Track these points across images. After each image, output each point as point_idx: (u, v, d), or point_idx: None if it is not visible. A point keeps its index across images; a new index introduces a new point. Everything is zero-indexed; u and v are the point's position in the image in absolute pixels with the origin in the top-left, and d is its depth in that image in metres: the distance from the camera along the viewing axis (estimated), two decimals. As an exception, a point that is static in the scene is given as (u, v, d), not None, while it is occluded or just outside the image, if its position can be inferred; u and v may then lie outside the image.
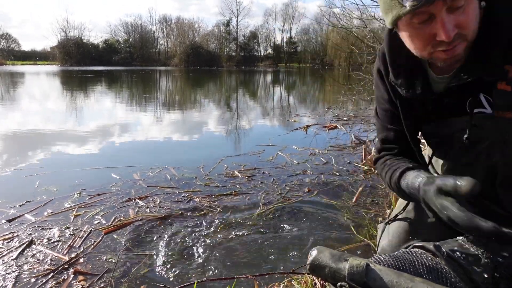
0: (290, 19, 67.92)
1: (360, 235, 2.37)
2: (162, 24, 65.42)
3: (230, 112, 9.09)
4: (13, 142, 5.23)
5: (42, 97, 11.96)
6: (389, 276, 0.65)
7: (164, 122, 7.29)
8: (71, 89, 15.67)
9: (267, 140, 5.24)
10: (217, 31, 65.13)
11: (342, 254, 0.72)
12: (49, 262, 2.08)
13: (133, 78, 24.46)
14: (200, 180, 3.47)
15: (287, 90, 17.38)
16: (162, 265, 2.06)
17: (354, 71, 9.80)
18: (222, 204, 2.92)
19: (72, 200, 2.96)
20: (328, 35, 45.82)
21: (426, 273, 0.71)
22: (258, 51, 69.80)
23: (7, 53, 60.12)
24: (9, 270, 1.99)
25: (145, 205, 2.87)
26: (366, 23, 6.98)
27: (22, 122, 7.01)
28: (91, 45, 59.47)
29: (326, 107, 9.57)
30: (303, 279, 1.78)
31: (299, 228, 2.51)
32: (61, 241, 2.32)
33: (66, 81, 21.64)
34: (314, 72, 37.91)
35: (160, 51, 64.99)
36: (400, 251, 0.83)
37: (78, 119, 7.51)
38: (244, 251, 2.23)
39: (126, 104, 10.49)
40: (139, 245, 2.29)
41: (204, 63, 53.03)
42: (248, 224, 2.57)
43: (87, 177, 3.56)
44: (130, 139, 5.53)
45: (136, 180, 3.46)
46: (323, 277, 0.72)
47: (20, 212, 2.72)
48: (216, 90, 16.87)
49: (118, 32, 63.22)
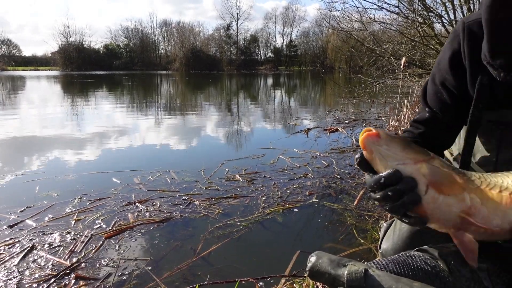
0: (290, 23, 68.14)
1: (362, 239, 2.36)
2: (163, 29, 65.75)
3: (231, 115, 9.10)
4: (14, 147, 5.24)
5: (43, 103, 11.99)
6: (387, 281, 0.65)
7: (165, 126, 7.30)
8: (72, 94, 15.72)
9: (268, 144, 5.24)
10: (217, 35, 65.37)
11: (341, 259, 0.72)
12: (50, 267, 2.07)
13: (134, 83, 24.53)
14: (200, 184, 3.47)
15: (287, 93, 17.39)
16: (162, 269, 2.05)
17: (354, 74, 9.81)
18: (223, 207, 2.92)
19: (72, 205, 2.96)
20: (328, 38, 45.91)
21: (425, 278, 0.71)
22: (258, 55, 69.96)
23: (8, 58, 60.36)
24: (10, 275, 1.99)
25: (145, 209, 2.87)
26: (366, 25, 7.00)
27: (22, 127, 7.03)
28: (92, 50, 59.64)
29: (327, 110, 9.57)
30: (305, 282, 1.77)
31: (300, 232, 2.51)
32: (62, 246, 2.32)
33: (67, 86, 21.71)
34: (314, 75, 37.95)
35: (161, 56, 65.14)
36: (400, 254, 0.83)
37: (78, 124, 7.52)
38: (245, 254, 2.22)
39: (127, 108, 10.51)
40: (140, 249, 2.29)
41: (204, 67, 53.16)
42: (249, 227, 2.57)
43: (88, 181, 3.56)
44: (131, 143, 5.54)
45: (137, 184, 3.46)
46: (322, 283, 0.72)
47: (21, 218, 2.72)
48: (217, 94, 16.90)
49: (118, 37, 63.49)
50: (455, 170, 0.68)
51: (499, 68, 0.89)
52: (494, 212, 0.63)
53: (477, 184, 0.65)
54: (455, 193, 0.64)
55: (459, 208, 0.64)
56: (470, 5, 5.40)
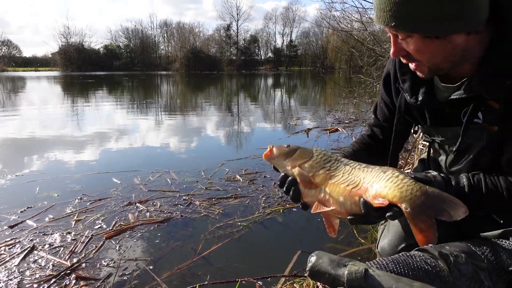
0: (290, 23, 68.10)
1: (362, 238, 2.36)
2: (163, 29, 65.72)
3: (231, 115, 9.10)
4: (14, 148, 5.25)
5: (43, 103, 11.99)
6: (388, 281, 0.65)
7: (165, 126, 7.30)
8: (72, 95, 15.72)
9: (268, 144, 5.23)
10: (218, 36, 65.34)
11: (341, 259, 0.72)
12: (51, 267, 2.08)
13: (134, 83, 24.54)
14: (201, 184, 3.47)
15: (288, 94, 17.39)
16: (163, 269, 2.06)
17: (354, 74, 9.80)
18: (223, 207, 2.92)
19: (73, 206, 2.97)
20: (328, 38, 45.86)
21: (425, 277, 0.71)
22: (258, 55, 69.91)
23: (8, 59, 60.32)
24: (11, 276, 1.99)
25: (146, 209, 2.87)
26: (366, 25, 6.99)
27: (23, 127, 7.03)
28: (92, 50, 59.58)
29: (327, 110, 9.57)
30: (305, 281, 1.77)
31: (301, 231, 2.51)
32: (62, 246, 2.32)
33: (67, 87, 21.72)
34: (315, 75, 37.94)
35: (161, 56, 65.06)
36: (400, 254, 0.82)
37: (79, 125, 7.53)
38: (245, 254, 2.22)
39: (127, 108, 10.52)
40: (140, 249, 2.29)
41: (204, 67, 53.11)
42: (249, 227, 2.57)
43: (88, 182, 3.56)
44: (131, 144, 5.54)
45: (137, 185, 3.46)
46: (323, 283, 0.72)
47: (21, 218, 2.72)
48: (217, 94, 16.91)
49: (118, 37, 63.43)
50: (325, 167, 0.91)
51: (406, 91, 1.10)
52: (336, 201, 0.87)
53: (334, 180, 0.88)
54: (314, 188, 0.90)
55: (318, 197, 0.90)
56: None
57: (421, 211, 0.75)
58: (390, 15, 0.86)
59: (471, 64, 0.96)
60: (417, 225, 0.75)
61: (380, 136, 1.31)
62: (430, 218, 0.74)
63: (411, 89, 1.08)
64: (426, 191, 0.77)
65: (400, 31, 0.89)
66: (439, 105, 1.06)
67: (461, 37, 0.89)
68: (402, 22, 0.85)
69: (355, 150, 1.32)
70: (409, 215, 0.76)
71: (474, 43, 0.92)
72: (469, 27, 0.87)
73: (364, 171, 0.87)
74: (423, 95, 1.06)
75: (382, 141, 1.31)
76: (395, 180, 0.80)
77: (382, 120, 1.30)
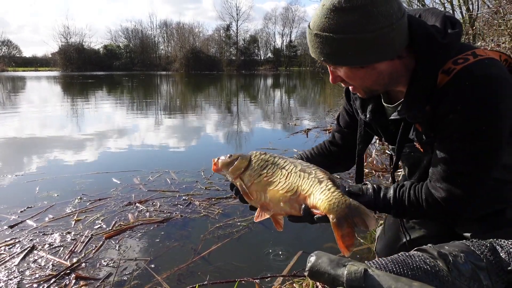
0: (290, 23, 68.05)
1: (362, 238, 2.37)
2: (162, 29, 65.64)
3: (231, 116, 9.10)
4: (14, 148, 5.24)
5: (43, 103, 11.99)
6: (387, 281, 0.65)
7: (165, 126, 7.30)
8: (72, 95, 15.72)
9: (268, 144, 5.25)
10: (217, 36, 65.26)
11: (340, 259, 0.72)
12: (50, 267, 2.08)
13: (134, 83, 24.53)
14: (200, 184, 3.47)
15: (287, 94, 17.40)
16: (162, 269, 2.06)
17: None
18: (222, 207, 2.92)
19: (73, 205, 2.97)
20: (328, 38, 45.74)
21: (424, 277, 0.71)
22: (258, 55, 69.84)
23: (8, 59, 60.25)
24: (11, 276, 1.99)
25: (145, 209, 2.88)
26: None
27: (23, 127, 7.03)
28: (92, 50, 59.50)
29: (326, 110, 9.57)
30: (305, 282, 1.77)
31: (300, 231, 2.51)
32: (62, 246, 2.32)
33: (67, 87, 21.72)
34: (314, 76, 37.93)
35: (161, 56, 64.98)
36: (400, 254, 0.83)
37: (79, 124, 7.53)
38: (245, 254, 2.23)
39: (127, 108, 10.51)
40: (140, 249, 2.29)
41: (204, 67, 53.06)
42: (249, 227, 2.57)
43: (88, 182, 3.56)
44: (131, 144, 5.54)
45: (137, 185, 3.47)
46: (322, 283, 0.73)
47: (21, 218, 2.72)
48: (217, 94, 16.90)
49: (118, 37, 63.37)
50: (262, 174, 1.01)
51: (358, 108, 1.21)
52: (277, 206, 0.98)
53: (272, 187, 0.98)
54: (255, 195, 1.02)
55: (260, 202, 1.02)
56: (469, 5, 5.41)
57: (344, 221, 0.86)
58: (319, 52, 0.96)
59: (404, 85, 1.03)
60: (339, 232, 0.86)
61: (340, 141, 1.42)
62: (351, 227, 0.85)
63: (361, 107, 1.19)
64: (349, 204, 0.87)
65: (329, 64, 1.00)
66: (386, 123, 1.14)
67: (384, 64, 0.97)
68: (329, 57, 0.95)
69: (312, 154, 1.47)
70: (334, 224, 0.87)
71: (400, 67, 1.00)
72: (388, 56, 0.95)
73: (300, 176, 0.96)
74: (370, 113, 1.16)
75: (341, 146, 1.42)
76: (326, 193, 0.90)
77: (343, 127, 1.40)
